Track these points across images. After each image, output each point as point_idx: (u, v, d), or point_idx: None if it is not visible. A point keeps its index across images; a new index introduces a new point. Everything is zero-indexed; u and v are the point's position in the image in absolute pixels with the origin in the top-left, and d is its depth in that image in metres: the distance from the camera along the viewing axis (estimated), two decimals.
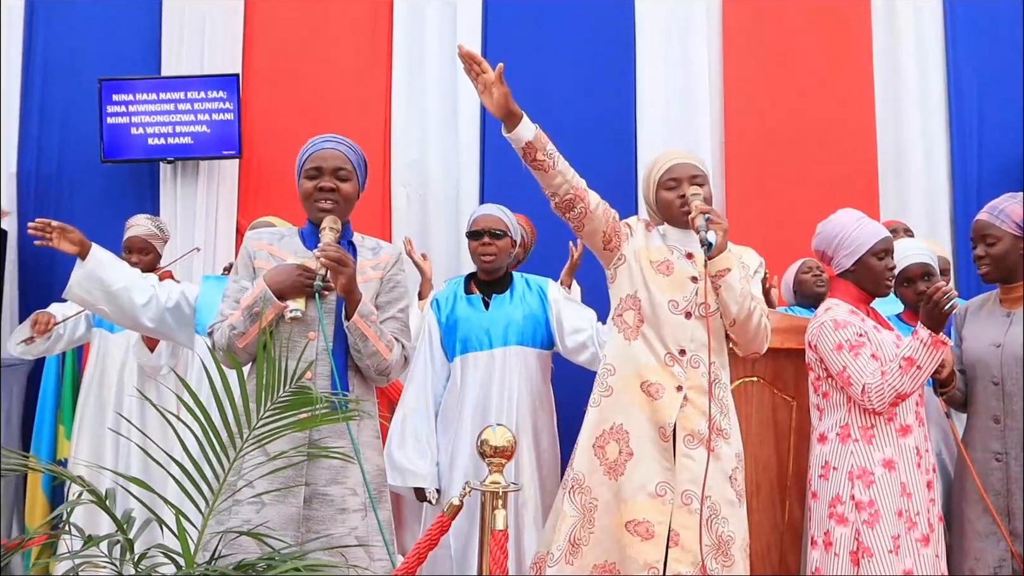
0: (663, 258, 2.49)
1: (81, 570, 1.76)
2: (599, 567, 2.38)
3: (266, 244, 2.36)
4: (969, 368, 2.72)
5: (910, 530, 2.52)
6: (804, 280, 3.91)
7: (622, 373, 2.46)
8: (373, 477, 2.25)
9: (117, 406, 3.55)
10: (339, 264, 2.16)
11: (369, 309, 2.22)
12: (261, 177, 4.54)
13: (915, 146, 4.52)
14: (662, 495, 2.35)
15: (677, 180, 2.49)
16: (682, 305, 2.43)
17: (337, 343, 2.24)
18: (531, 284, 3.24)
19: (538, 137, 2.33)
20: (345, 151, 2.35)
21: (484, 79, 2.28)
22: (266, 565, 1.79)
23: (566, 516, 2.44)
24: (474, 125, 4.47)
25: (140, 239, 3.62)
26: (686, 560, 2.31)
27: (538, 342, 3.16)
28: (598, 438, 2.45)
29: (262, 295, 2.20)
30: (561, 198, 2.40)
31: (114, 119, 4.43)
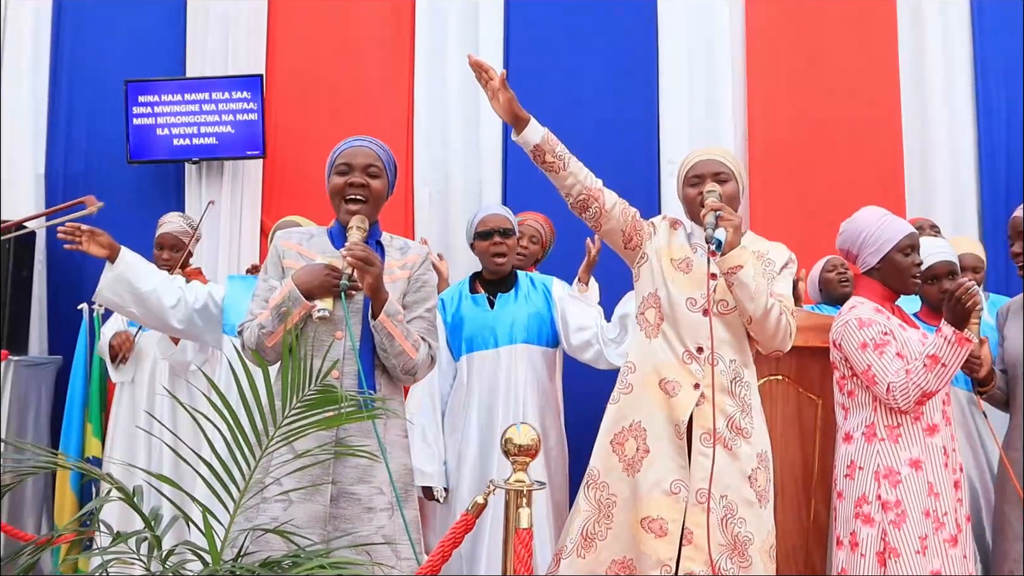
0: (684, 256, 2.49)
1: (110, 567, 1.77)
2: (617, 563, 2.39)
3: (295, 244, 2.37)
4: (1011, 367, 2.69)
5: (938, 530, 2.49)
6: (828, 279, 3.89)
7: (642, 371, 2.46)
8: (400, 476, 2.25)
9: (149, 405, 3.58)
10: (365, 263, 2.16)
11: (396, 308, 2.23)
12: (285, 177, 4.57)
13: (941, 142, 4.47)
14: (676, 493, 2.35)
15: (700, 177, 2.49)
16: (700, 303, 2.43)
17: (364, 342, 2.25)
18: (536, 282, 3.24)
19: (546, 140, 2.36)
20: (376, 150, 2.36)
21: (492, 86, 2.33)
22: (291, 563, 1.80)
23: (580, 510, 2.46)
24: (496, 124, 4.47)
25: (172, 236, 3.66)
26: (699, 559, 2.30)
27: (544, 340, 3.16)
28: (617, 435, 2.45)
29: (290, 295, 2.21)
30: (575, 198, 2.42)
31: (140, 120, 4.48)
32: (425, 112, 4.58)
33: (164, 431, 3.25)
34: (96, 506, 1.92)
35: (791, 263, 2.54)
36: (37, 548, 1.84)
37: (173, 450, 2.03)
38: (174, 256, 3.64)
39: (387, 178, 2.37)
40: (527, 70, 4.42)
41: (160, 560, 1.80)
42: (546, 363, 3.16)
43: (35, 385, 4.22)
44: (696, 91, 4.51)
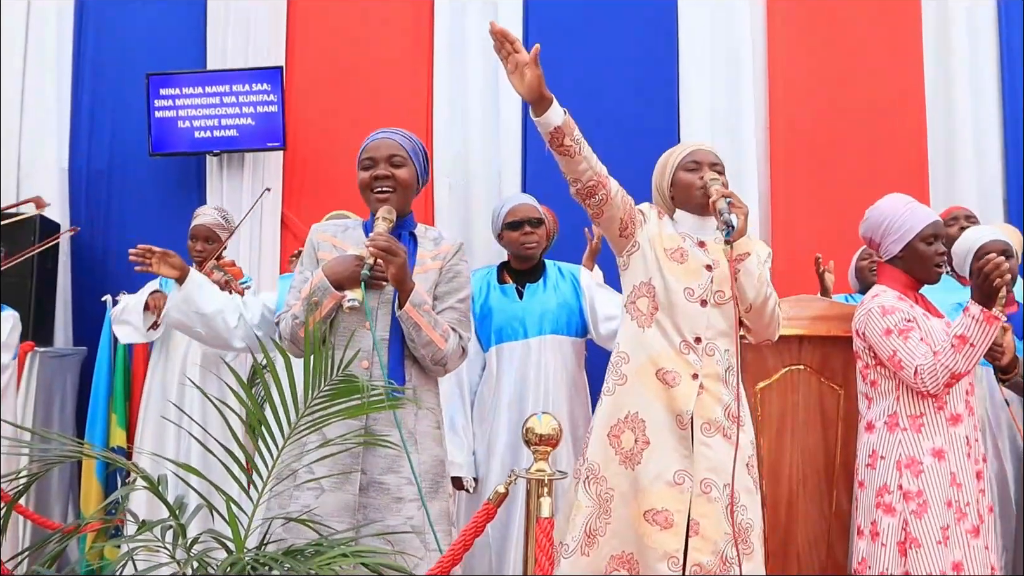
0: (676, 246, 2.47)
1: (136, 555, 1.80)
2: (617, 558, 2.36)
3: (330, 236, 2.40)
4: None
5: (959, 521, 2.48)
6: (861, 268, 3.87)
7: (636, 361, 2.43)
8: (431, 467, 2.26)
9: (178, 396, 3.61)
10: (388, 253, 2.17)
11: (422, 299, 2.23)
12: (306, 169, 4.59)
13: (966, 131, 4.42)
14: (680, 483, 2.33)
15: (698, 163, 2.47)
16: (698, 293, 2.41)
17: (394, 333, 2.26)
18: (564, 272, 3.24)
19: (567, 122, 2.30)
20: (398, 139, 2.36)
21: (516, 59, 2.23)
22: (314, 551, 1.81)
23: (581, 507, 2.41)
24: (516, 116, 4.46)
25: (206, 228, 3.68)
26: (706, 549, 2.29)
27: (572, 330, 3.15)
28: (613, 427, 2.42)
29: (320, 285, 2.23)
30: (584, 184, 2.37)
31: (162, 113, 4.51)
32: (445, 103, 4.58)
33: (190, 422, 3.27)
34: (122, 494, 1.94)
35: (769, 259, 2.53)
36: (64, 536, 1.86)
37: (194, 438, 2.05)
38: (208, 248, 3.66)
39: (414, 166, 2.37)
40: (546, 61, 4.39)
41: (185, 548, 1.82)
42: (575, 353, 3.16)
43: (60, 376, 4.27)
44: (717, 82, 4.47)
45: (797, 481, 2.90)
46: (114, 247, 4.63)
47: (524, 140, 4.46)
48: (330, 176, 4.44)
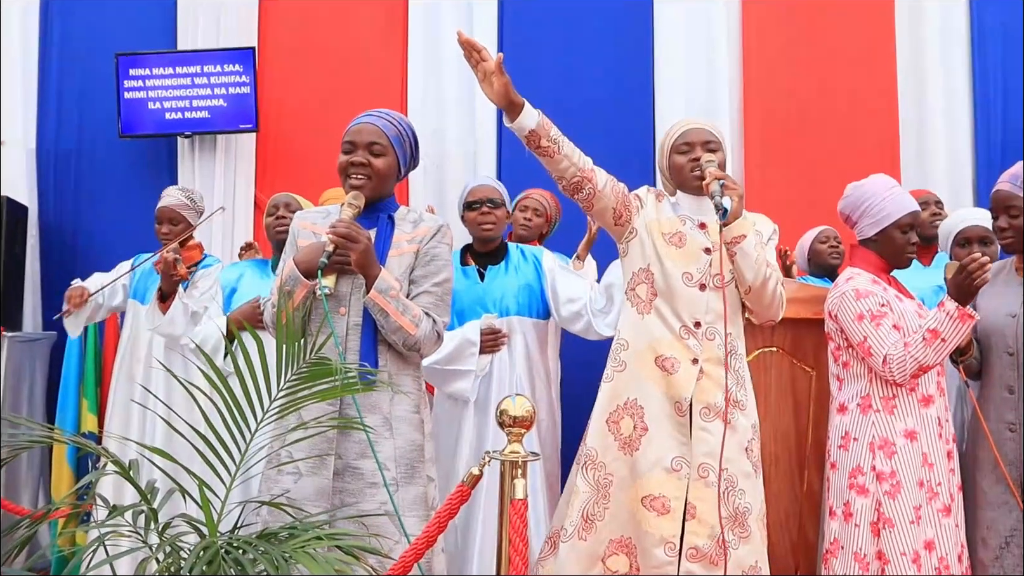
0: (675, 230, 2.47)
1: (107, 539, 1.78)
2: (615, 542, 2.39)
3: (309, 223, 2.39)
4: (984, 338, 2.68)
5: (931, 500, 2.51)
6: (820, 250, 3.88)
7: (635, 348, 2.44)
8: (407, 452, 2.25)
9: (145, 378, 3.58)
10: (349, 240, 2.16)
11: (388, 285, 2.21)
12: (279, 150, 4.55)
13: (937, 115, 4.46)
14: (678, 470, 2.35)
15: (690, 144, 2.46)
16: (696, 277, 2.41)
17: (367, 318, 2.25)
18: (526, 254, 3.23)
19: (541, 124, 2.30)
20: (382, 125, 2.32)
21: (484, 67, 2.25)
22: (288, 534, 1.81)
23: (579, 492, 2.43)
24: None
25: (170, 209, 3.63)
26: (703, 533, 2.31)
27: (535, 312, 3.16)
28: (612, 413, 2.44)
29: (291, 274, 2.22)
30: (568, 181, 2.38)
31: (131, 94, 4.45)
32: (419, 85, 4.55)
33: (159, 405, 3.25)
34: (92, 479, 1.92)
35: (775, 234, 2.54)
36: (34, 522, 1.84)
37: (166, 422, 2.03)
38: (173, 230, 3.63)
39: (395, 155, 2.33)
40: (522, 44, 4.39)
41: (157, 533, 1.81)
42: (537, 335, 3.16)
43: (30, 361, 4.22)
44: (692, 64, 4.48)
45: (769, 461, 2.92)
46: (84, 230, 4.57)
47: (499, 122, 4.43)
48: (304, 158, 4.40)
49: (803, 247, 3.96)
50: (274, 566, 1.60)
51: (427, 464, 2.32)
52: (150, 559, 1.72)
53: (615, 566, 2.37)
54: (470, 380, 3.04)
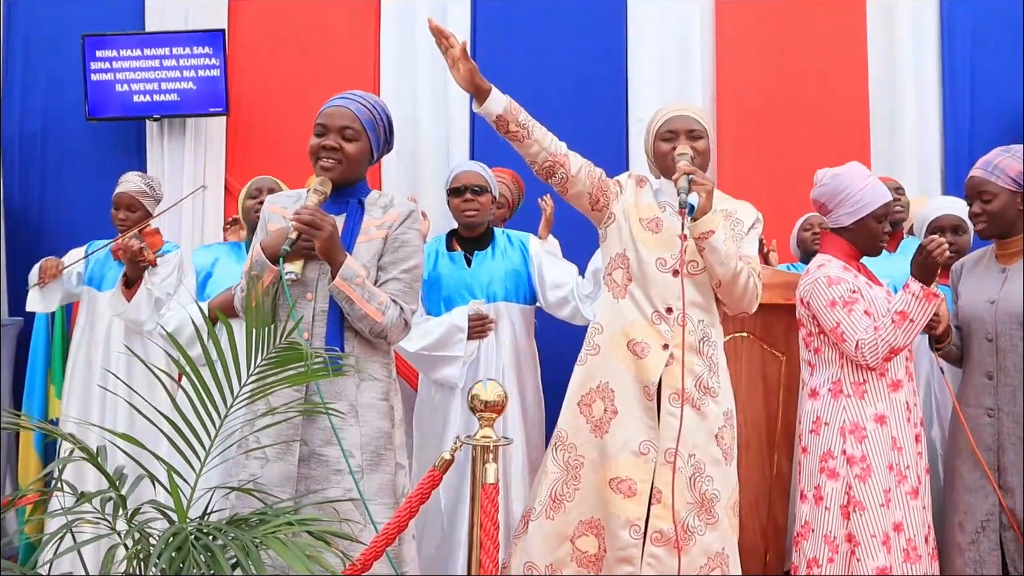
0: (653, 215, 2.48)
1: (74, 526, 1.76)
2: (585, 523, 2.41)
3: (279, 207, 2.36)
4: (964, 324, 2.72)
5: (900, 483, 2.55)
6: (804, 238, 3.92)
7: (609, 332, 2.46)
8: (372, 439, 2.23)
9: (105, 363, 3.54)
10: (312, 227, 2.14)
11: (353, 272, 2.19)
12: (250, 134, 4.49)
13: (907, 104, 4.50)
14: (645, 453, 2.37)
15: (674, 132, 2.47)
16: (670, 263, 2.42)
17: (333, 304, 2.23)
18: (512, 239, 3.23)
19: (509, 109, 2.32)
20: (356, 109, 2.30)
21: (452, 53, 2.30)
22: (259, 520, 1.80)
23: (548, 472, 2.47)
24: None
25: (127, 196, 3.58)
26: (668, 517, 2.33)
27: (521, 297, 3.16)
28: (584, 396, 2.46)
29: (257, 260, 2.20)
30: (540, 166, 2.40)
31: (98, 76, 4.37)
32: (393, 68, 4.51)
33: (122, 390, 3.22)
34: (58, 466, 1.90)
35: (758, 223, 2.55)
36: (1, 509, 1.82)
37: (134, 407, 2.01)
38: (130, 216, 3.58)
39: (368, 139, 2.31)
40: (496, 23, 4.37)
41: (125, 519, 1.80)
42: (524, 320, 3.17)
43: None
44: (665, 50, 4.48)
45: (740, 446, 2.94)
46: (50, 214, 4.50)
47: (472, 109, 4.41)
48: (275, 142, 4.35)
49: (794, 234, 4.00)
50: (244, 552, 1.59)
51: (397, 451, 2.30)
52: (118, 546, 1.71)
53: (584, 547, 2.39)
54: (458, 366, 3.04)
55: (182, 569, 1.57)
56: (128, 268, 3.33)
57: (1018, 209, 2.62)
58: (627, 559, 2.33)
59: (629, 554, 2.33)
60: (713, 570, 2.35)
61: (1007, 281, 2.64)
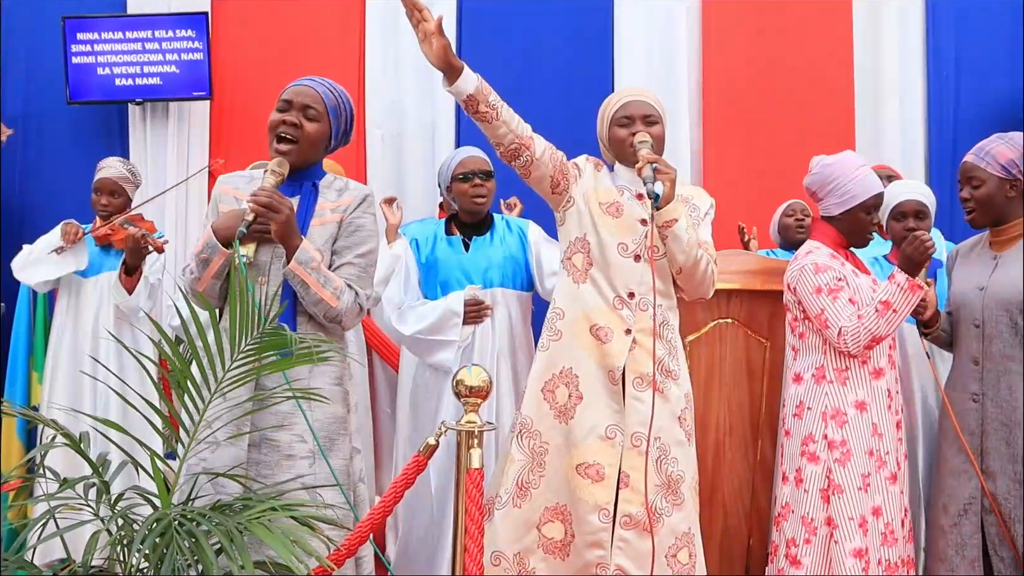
0: (612, 200, 2.47)
1: (58, 512, 1.76)
2: (550, 509, 2.39)
3: (232, 188, 2.32)
4: (955, 310, 2.74)
5: (879, 469, 2.58)
6: (787, 224, 3.92)
7: (571, 317, 2.45)
8: (325, 424, 2.20)
9: (93, 350, 3.52)
10: (269, 210, 2.11)
11: (309, 256, 2.16)
12: (234, 119, 4.45)
13: (892, 90, 4.51)
14: (612, 437, 2.36)
15: (630, 118, 2.45)
16: (631, 248, 2.42)
17: (287, 288, 2.19)
18: (511, 225, 3.23)
19: (479, 89, 2.28)
20: (322, 92, 2.28)
21: (424, 27, 2.22)
22: (243, 505, 1.80)
23: (514, 460, 2.44)
24: None
25: (111, 181, 3.56)
26: (636, 500, 2.33)
27: (519, 284, 3.16)
28: (547, 382, 2.44)
29: (209, 242, 2.16)
30: (506, 147, 2.37)
31: (79, 59, 4.32)
32: (378, 52, 4.48)
33: (111, 377, 3.20)
34: (40, 452, 1.89)
35: (712, 209, 2.55)
36: None
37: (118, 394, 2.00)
38: (112, 202, 3.55)
39: (329, 124, 2.28)
40: (483, 10, 4.35)
41: (108, 505, 1.79)
42: (521, 307, 3.17)
43: None
44: (652, 41, 4.46)
45: (724, 431, 2.97)
46: (31, 199, 4.46)
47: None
48: (259, 127, 4.25)
49: (775, 221, 4.00)
50: (228, 538, 1.59)
51: (352, 436, 2.28)
52: (101, 531, 1.70)
53: (550, 533, 2.39)
54: (453, 350, 3.04)
55: (165, 554, 1.57)
56: (129, 256, 3.32)
57: (1007, 196, 2.62)
58: (597, 543, 2.34)
59: (599, 538, 2.34)
60: (680, 550, 2.36)
61: (997, 268, 2.65)
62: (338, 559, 1.90)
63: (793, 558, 2.59)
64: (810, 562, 2.57)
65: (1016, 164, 2.59)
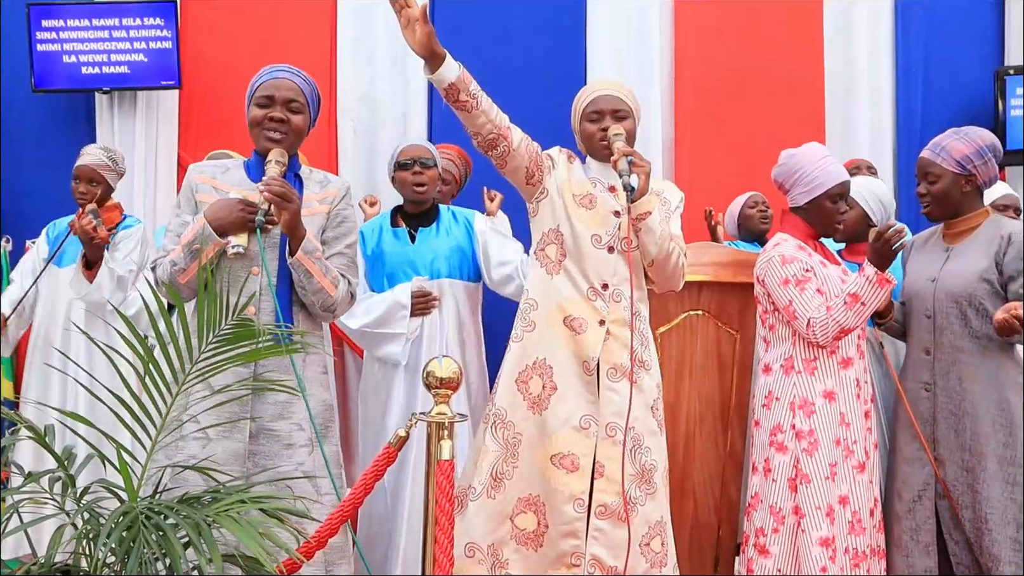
0: (586, 192, 2.47)
1: (21, 507, 1.74)
2: (523, 500, 2.40)
3: (209, 177, 2.31)
4: (907, 301, 2.79)
5: (847, 458, 2.61)
6: (749, 215, 3.95)
7: (544, 308, 2.45)
8: (319, 412, 2.24)
9: (64, 341, 3.47)
10: (283, 199, 2.11)
11: (314, 246, 2.18)
12: (203, 108, 4.40)
13: (862, 86, 4.58)
14: (586, 428, 2.37)
15: (600, 113, 2.46)
16: (605, 240, 2.43)
17: (281, 278, 2.21)
18: (457, 216, 3.22)
19: (461, 78, 2.27)
20: (300, 83, 2.28)
21: (408, 14, 2.19)
22: (211, 498, 1.79)
23: (488, 451, 2.44)
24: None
25: (89, 168, 3.49)
26: (611, 490, 2.34)
27: (465, 274, 3.15)
28: (521, 373, 2.45)
29: (202, 232, 2.15)
30: (484, 138, 2.36)
31: (45, 47, 4.25)
32: (350, 43, 4.44)
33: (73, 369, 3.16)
34: (6, 445, 1.87)
35: (681, 203, 2.57)
36: None
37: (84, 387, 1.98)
38: (91, 189, 3.49)
39: (309, 113, 2.31)
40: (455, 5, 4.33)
41: (74, 499, 1.77)
42: (468, 298, 3.16)
43: None
44: (624, 35, 4.47)
45: (694, 422, 2.99)
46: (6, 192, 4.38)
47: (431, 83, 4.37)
48: (228, 116, 4.25)
49: (732, 213, 4.02)
50: (196, 530, 1.58)
51: (336, 424, 2.35)
52: (67, 525, 1.68)
53: (523, 524, 2.39)
54: (401, 343, 3.02)
55: (132, 548, 1.55)
56: (85, 248, 3.26)
57: (963, 191, 2.67)
58: (571, 533, 2.35)
59: (574, 528, 2.35)
60: (653, 538, 2.38)
61: (948, 260, 2.70)
62: (308, 551, 1.90)
63: (762, 548, 2.62)
64: (779, 551, 2.60)
65: (971, 160, 2.63)
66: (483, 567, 2.40)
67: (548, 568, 2.37)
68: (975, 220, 2.69)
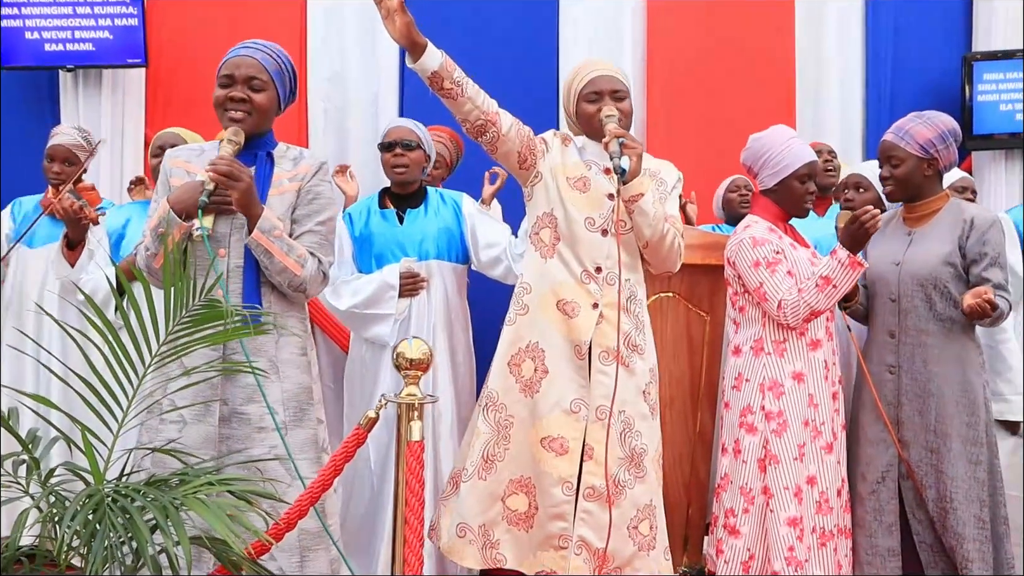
0: (580, 174, 2.48)
1: None
2: (515, 481, 2.43)
3: (183, 161, 2.28)
4: (871, 284, 2.81)
5: (815, 439, 2.64)
6: (730, 199, 3.98)
7: (538, 291, 2.46)
8: (295, 394, 2.21)
9: (37, 323, 3.40)
10: (230, 178, 2.08)
11: (272, 224, 2.14)
12: (170, 87, 4.33)
13: (832, 71, 4.63)
14: (576, 411, 2.39)
15: (599, 93, 2.45)
16: (598, 223, 2.44)
17: (248, 259, 2.18)
18: (445, 198, 3.21)
19: (444, 66, 2.27)
20: (262, 59, 2.23)
21: (387, 4, 2.19)
22: (179, 480, 1.77)
23: (480, 433, 2.47)
24: None
25: (65, 148, 3.42)
26: (600, 473, 2.36)
27: (453, 256, 3.14)
28: (513, 356, 2.46)
29: (166, 216, 2.12)
30: (472, 124, 2.36)
31: (7, 23, 4.15)
32: (320, 21, 4.39)
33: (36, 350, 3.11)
34: None
35: (679, 183, 2.58)
36: None
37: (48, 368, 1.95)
38: (65, 170, 3.42)
39: (275, 90, 2.25)
40: None
41: (39, 482, 1.75)
42: (456, 279, 3.15)
43: None
44: (597, 13, 4.47)
45: (664, 403, 2.99)
46: None
47: (402, 64, 4.34)
48: (196, 95, 4.18)
49: (718, 196, 4.05)
50: (164, 514, 1.56)
51: (316, 406, 2.29)
52: (31, 508, 1.66)
53: (515, 505, 2.42)
54: (389, 324, 3.02)
55: (97, 531, 1.53)
56: (70, 229, 3.19)
57: (924, 175, 2.70)
58: (560, 515, 2.37)
59: (562, 510, 2.37)
60: (641, 522, 2.40)
61: (912, 244, 2.73)
62: (277, 533, 1.89)
63: (732, 528, 2.65)
64: (748, 531, 2.63)
65: (933, 144, 2.66)
66: (474, 547, 2.43)
67: (537, 549, 2.40)
68: (936, 204, 2.73)
